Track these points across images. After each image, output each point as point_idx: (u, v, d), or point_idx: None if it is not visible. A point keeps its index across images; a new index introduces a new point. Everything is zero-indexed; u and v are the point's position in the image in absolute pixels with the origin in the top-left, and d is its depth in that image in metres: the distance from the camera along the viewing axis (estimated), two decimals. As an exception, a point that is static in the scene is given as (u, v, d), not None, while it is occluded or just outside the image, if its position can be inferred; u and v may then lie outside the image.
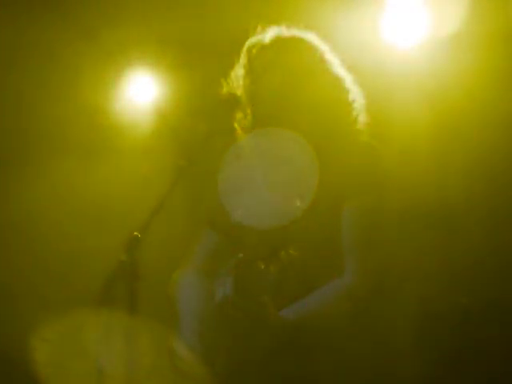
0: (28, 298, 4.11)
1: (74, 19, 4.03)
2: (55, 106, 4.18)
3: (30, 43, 4.08)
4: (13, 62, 4.14)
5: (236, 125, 2.70)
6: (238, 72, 2.72)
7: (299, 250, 2.38)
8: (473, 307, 3.59)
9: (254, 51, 2.69)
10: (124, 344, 2.10)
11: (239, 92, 2.65)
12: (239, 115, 2.68)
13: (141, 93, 4.29)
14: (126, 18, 4.04)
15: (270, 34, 2.70)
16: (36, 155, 4.22)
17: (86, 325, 3.37)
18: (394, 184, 2.58)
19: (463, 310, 3.60)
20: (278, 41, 2.68)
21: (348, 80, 2.69)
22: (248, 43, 2.73)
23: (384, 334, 2.52)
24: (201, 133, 2.41)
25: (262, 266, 2.34)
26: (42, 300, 4.05)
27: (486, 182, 3.63)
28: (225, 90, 2.69)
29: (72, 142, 4.23)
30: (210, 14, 3.94)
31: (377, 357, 2.48)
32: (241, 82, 2.69)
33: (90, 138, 4.23)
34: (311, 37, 2.71)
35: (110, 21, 4.03)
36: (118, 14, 4.04)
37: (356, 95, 2.68)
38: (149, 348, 2.32)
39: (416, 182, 3.58)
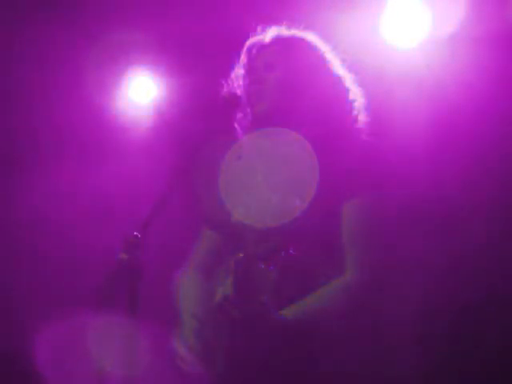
0: (29, 298, 4.11)
1: (75, 21, 4.04)
2: (57, 107, 4.18)
3: (31, 44, 4.08)
4: (14, 63, 4.15)
5: (236, 125, 2.71)
6: (238, 72, 2.72)
7: (299, 250, 2.38)
8: (473, 304, 3.59)
9: (254, 51, 2.70)
10: (124, 344, 2.10)
11: (239, 92, 2.65)
12: (239, 115, 2.69)
13: (141, 93, 4.29)
14: (127, 19, 4.04)
15: (269, 34, 2.70)
16: (37, 155, 4.22)
17: (86, 325, 3.37)
18: (394, 182, 2.58)
19: (463, 306, 3.60)
20: (278, 41, 2.68)
21: (348, 79, 2.69)
22: (248, 43, 2.73)
23: (384, 331, 2.51)
24: (201, 133, 2.41)
25: (262, 266, 2.33)
26: (42, 299, 4.06)
27: (485, 180, 3.63)
28: (225, 89, 2.69)
29: (73, 142, 4.23)
30: (210, 14, 3.94)
31: (377, 354, 2.47)
32: (241, 82, 2.70)
33: (91, 138, 4.24)
34: (311, 37, 2.72)
35: (111, 22, 4.04)
36: (118, 16, 4.05)
37: (356, 94, 2.69)
38: (149, 348, 2.32)
39: (415, 180, 3.58)
